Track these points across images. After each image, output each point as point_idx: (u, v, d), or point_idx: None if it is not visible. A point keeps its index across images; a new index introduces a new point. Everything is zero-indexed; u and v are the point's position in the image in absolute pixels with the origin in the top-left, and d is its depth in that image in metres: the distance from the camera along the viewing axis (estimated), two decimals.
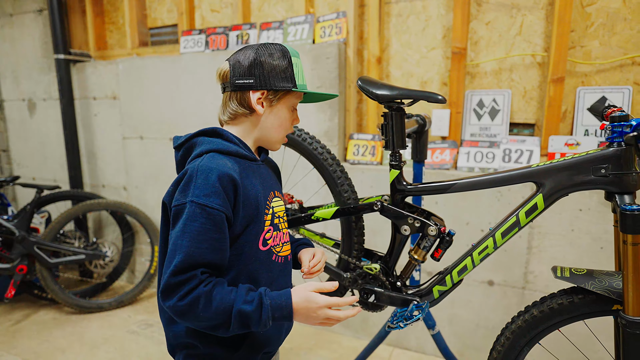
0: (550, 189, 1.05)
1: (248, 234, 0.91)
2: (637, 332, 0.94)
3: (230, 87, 0.94)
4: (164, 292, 0.81)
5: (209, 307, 0.80)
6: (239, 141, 0.95)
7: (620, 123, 0.95)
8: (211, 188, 0.83)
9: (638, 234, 0.91)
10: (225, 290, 0.83)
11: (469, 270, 1.18)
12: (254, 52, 0.93)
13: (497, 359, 1.18)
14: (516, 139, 2.07)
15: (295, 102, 1.00)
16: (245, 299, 0.83)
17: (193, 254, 0.81)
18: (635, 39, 1.88)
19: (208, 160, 0.86)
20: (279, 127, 0.98)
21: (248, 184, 0.91)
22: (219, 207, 0.83)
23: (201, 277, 0.82)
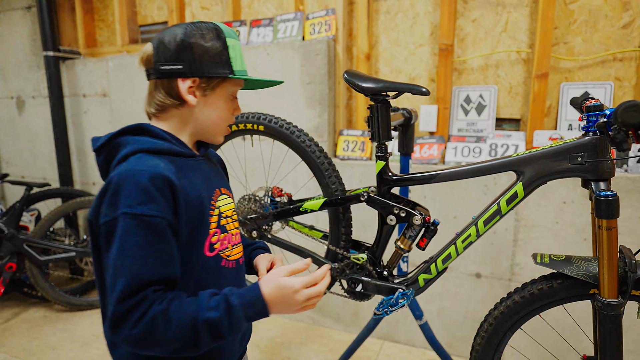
0: (530, 177, 1.08)
1: (193, 240, 0.79)
2: (612, 313, 0.97)
3: (155, 74, 0.82)
4: (114, 324, 0.68)
5: (168, 327, 0.69)
6: (171, 137, 0.83)
7: (595, 113, 0.98)
8: (144, 194, 0.71)
9: (612, 219, 0.95)
10: (185, 302, 0.72)
11: (453, 258, 1.20)
12: (182, 31, 0.79)
13: (481, 344, 1.21)
14: (502, 134, 2.11)
15: (234, 90, 0.88)
16: (208, 305, 0.71)
17: (139, 274, 0.69)
18: (616, 36, 1.93)
19: (135, 163, 0.74)
20: (217, 119, 0.86)
21: (187, 184, 0.79)
22: (158, 213, 0.71)
23: (153, 297, 0.70)
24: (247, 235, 1.53)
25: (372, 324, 1.75)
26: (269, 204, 1.52)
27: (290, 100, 2.37)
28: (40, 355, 2.24)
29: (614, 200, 0.94)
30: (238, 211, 1.55)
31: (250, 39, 2.53)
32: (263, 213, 1.46)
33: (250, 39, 2.53)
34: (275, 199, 1.52)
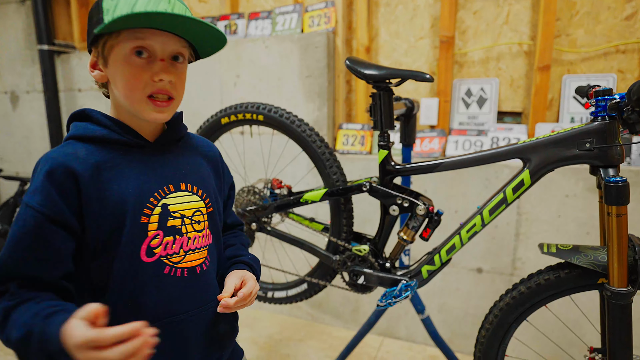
0: (537, 164, 1.06)
1: (119, 243, 0.70)
2: (621, 302, 0.95)
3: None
4: None
5: (12, 329, 0.62)
6: (114, 122, 0.75)
7: (604, 97, 0.95)
8: (37, 183, 0.67)
9: (622, 205, 0.92)
10: (34, 307, 0.63)
11: (457, 249, 1.18)
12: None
13: (486, 337, 1.19)
14: (504, 127, 2.08)
15: (133, 46, 0.70)
16: (21, 321, 0.62)
17: (7, 264, 0.65)
18: (619, 28, 1.91)
19: (54, 151, 0.71)
20: (124, 87, 0.72)
21: (110, 177, 0.71)
22: (39, 207, 0.65)
23: (12, 291, 0.65)
24: (247, 227, 1.50)
25: (373, 318, 1.72)
26: (268, 196, 1.49)
27: (288, 93, 2.34)
28: None
29: (624, 186, 0.92)
30: (237, 203, 1.52)
31: (248, 32, 2.50)
32: (263, 204, 1.43)
33: (249, 31, 2.50)
34: (275, 191, 1.49)
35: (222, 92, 2.51)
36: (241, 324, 2.61)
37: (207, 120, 1.54)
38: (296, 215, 1.49)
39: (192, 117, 2.49)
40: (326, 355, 2.17)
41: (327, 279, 1.45)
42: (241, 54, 2.42)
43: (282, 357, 2.16)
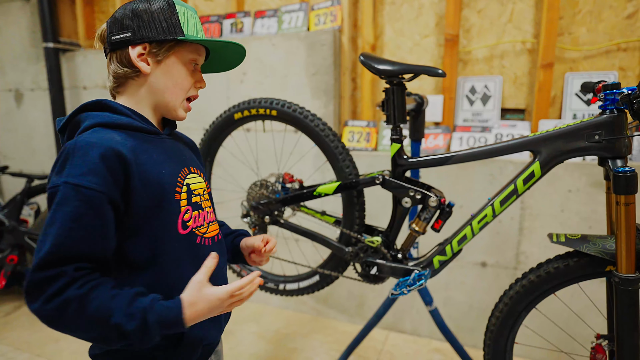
0: (547, 156, 1.09)
1: (159, 218, 0.77)
2: (629, 288, 0.99)
3: (109, 47, 0.82)
4: (28, 291, 0.65)
5: (81, 315, 0.65)
6: (132, 112, 0.81)
7: (612, 91, 0.99)
8: (89, 165, 0.69)
9: (630, 194, 0.96)
10: (106, 295, 0.67)
11: (468, 239, 1.21)
12: (133, 4, 0.81)
13: (496, 325, 1.22)
14: (507, 124, 2.12)
15: (193, 58, 0.85)
16: (127, 311, 0.67)
17: (63, 244, 0.65)
18: (620, 26, 1.95)
19: (89, 135, 0.73)
20: (173, 87, 0.83)
21: (146, 160, 0.77)
22: (97, 186, 0.68)
23: (74, 275, 0.66)
24: (259, 221, 1.52)
25: (382, 310, 1.75)
26: (280, 190, 1.51)
27: (295, 90, 2.37)
28: (43, 348, 2.22)
29: (632, 176, 0.95)
30: (250, 197, 1.54)
31: (254, 30, 2.52)
32: (277, 198, 1.46)
33: (255, 30, 2.52)
34: (286, 185, 1.52)
35: (229, 88, 2.53)
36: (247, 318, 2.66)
37: (220, 116, 1.57)
38: (307, 209, 1.52)
39: (198, 114, 2.52)
40: (332, 349, 2.20)
41: (339, 271, 1.48)
42: (248, 52, 2.43)
43: (289, 350, 2.19)
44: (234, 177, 2.45)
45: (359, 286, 2.41)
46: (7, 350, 2.20)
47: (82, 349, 2.21)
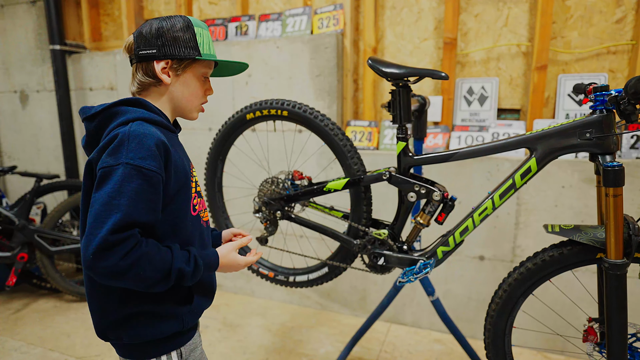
0: (542, 152, 1.19)
1: (180, 200, 0.94)
2: (617, 273, 1.08)
3: (136, 58, 0.95)
4: (100, 250, 0.76)
5: (150, 267, 0.82)
6: (160, 112, 0.97)
7: (602, 92, 1.09)
8: (147, 151, 0.83)
9: (618, 187, 1.06)
10: (163, 250, 0.86)
11: (470, 230, 1.30)
12: (157, 23, 0.94)
13: (496, 310, 1.31)
14: (504, 124, 2.22)
15: (204, 72, 1.01)
16: (183, 259, 0.88)
17: (132, 213, 0.80)
18: (610, 30, 2.06)
19: (139, 127, 0.86)
20: (189, 96, 1.00)
21: (174, 152, 0.93)
22: (156, 169, 0.84)
23: (138, 237, 0.82)
24: (271, 216, 1.61)
25: (386, 301, 1.84)
26: (290, 187, 1.60)
27: (299, 91, 2.45)
28: (55, 342, 2.28)
29: (620, 170, 1.05)
30: (261, 193, 1.62)
31: (259, 33, 2.60)
32: (287, 194, 1.54)
33: (259, 33, 2.60)
34: (296, 182, 1.60)
35: (234, 90, 2.61)
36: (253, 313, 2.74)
37: (233, 116, 1.65)
38: (316, 204, 1.60)
39: (203, 115, 2.59)
40: (337, 340, 2.28)
41: (347, 262, 1.56)
42: (253, 54, 2.53)
43: (295, 342, 2.27)
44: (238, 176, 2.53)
45: (362, 280, 2.50)
46: (20, 345, 2.26)
47: (94, 342, 2.28)
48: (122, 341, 0.94)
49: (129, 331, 0.92)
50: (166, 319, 0.94)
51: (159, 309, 0.93)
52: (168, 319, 0.94)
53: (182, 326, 0.96)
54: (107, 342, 0.97)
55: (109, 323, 0.93)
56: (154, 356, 0.95)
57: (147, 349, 0.95)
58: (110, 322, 0.92)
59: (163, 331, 0.94)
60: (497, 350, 1.33)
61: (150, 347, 0.95)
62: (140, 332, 0.92)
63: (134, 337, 0.93)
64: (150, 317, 0.93)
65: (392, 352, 2.17)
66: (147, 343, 0.94)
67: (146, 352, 0.95)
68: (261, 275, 1.75)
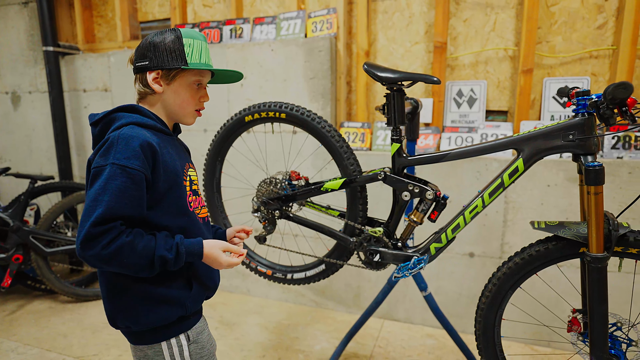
0: (529, 153, 1.26)
1: (172, 197, 1.01)
2: (599, 266, 1.16)
3: (134, 70, 1.05)
4: (85, 241, 0.86)
5: (133, 255, 0.89)
6: (155, 117, 1.05)
7: (583, 97, 1.16)
8: (132, 152, 0.91)
9: (599, 185, 1.13)
10: (146, 239, 0.93)
11: (461, 227, 1.37)
12: (151, 37, 1.03)
13: (486, 303, 1.38)
14: (492, 125, 2.30)
15: (195, 80, 1.06)
16: (165, 246, 0.94)
17: (113, 207, 0.88)
18: (592, 36, 2.15)
19: (128, 130, 0.94)
20: (181, 103, 1.06)
21: (166, 153, 1.00)
22: (139, 168, 0.91)
23: (121, 228, 0.89)
24: (269, 215, 1.65)
25: (380, 297, 1.90)
26: (287, 187, 1.65)
27: (294, 94, 2.51)
28: (52, 343, 2.30)
29: (600, 170, 1.12)
30: (259, 193, 1.67)
31: (253, 36, 2.65)
32: (285, 194, 1.59)
33: (254, 35, 2.65)
34: (293, 182, 1.65)
35: (229, 92, 2.65)
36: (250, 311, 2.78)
37: (231, 118, 1.69)
38: (313, 204, 1.65)
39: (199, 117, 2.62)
40: (332, 337, 2.34)
41: (343, 259, 1.62)
42: (247, 57, 2.57)
43: (292, 339, 2.32)
44: (235, 176, 2.57)
45: (356, 278, 2.56)
46: (16, 346, 2.27)
47: (91, 342, 2.30)
48: (131, 329, 1.00)
49: (135, 318, 0.98)
50: (169, 305, 1.01)
51: (161, 295, 1.00)
52: (171, 305, 1.01)
53: (186, 311, 1.03)
54: (118, 329, 1.03)
55: (116, 310, 1.00)
56: (163, 339, 1.02)
57: (156, 334, 1.02)
58: (116, 308, 1.00)
59: (168, 317, 1.01)
60: (487, 341, 1.40)
61: (158, 332, 1.02)
62: (147, 319, 0.99)
63: (142, 324, 0.99)
64: (153, 303, 0.99)
65: (385, 347, 2.23)
66: (155, 329, 1.01)
67: (155, 337, 1.02)
68: (259, 273, 1.79)
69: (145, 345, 1.03)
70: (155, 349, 1.02)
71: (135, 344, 1.04)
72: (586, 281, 1.23)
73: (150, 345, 1.02)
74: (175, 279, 1.03)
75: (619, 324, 1.29)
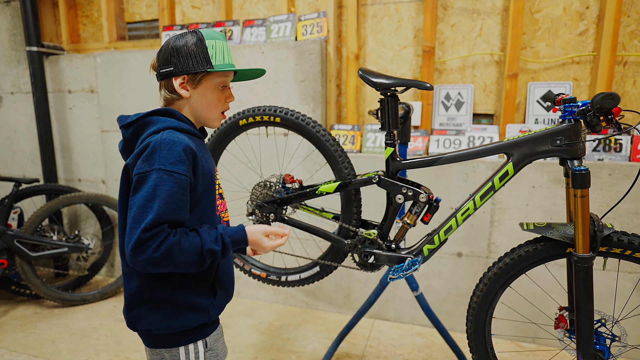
0: (518, 157, 1.30)
1: (206, 200, 1.03)
2: (585, 265, 1.21)
3: (159, 76, 1.05)
4: (137, 247, 0.88)
5: (182, 253, 0.92)
6: (189, 120, 1.06)
7: (570, 104, 1.21)
8: (176, 157, 0.93)
9: (585, 189, 1.18)
10: (191, 235, 0.95)
11: (453, 229, 1.41)
12: (173, 41, 1.02)
13: (477, 302, 1.42)
14: (479, 128, 2.36)
15: (221, 81, 1.06)
16: (211, 239, 0.97)
17: (163, 213, 0.90)
18: (574, 42, 2.23)
19: (168, 135, 0.95)
20: (208, 106, 1.06)
21: (202, 157, 1.01)
22: (185, 172, 0.94)
23: (167, 230, 0.91)
24: (264, 218, 1.67)
25: (372, 297, 1.93)
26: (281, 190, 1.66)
27: (285, 96, 2.52)
28: (40, 349, 2.26)
29: (586, 173, 1.17)
30: (254, 196, 1.68)
31: (243, 38, 2.65)
32: (281, 197, 1.60)
33: (244, 38, 2.65)
34: (287, 185, 1.67)
35: None
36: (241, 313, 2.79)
37: (225, 122, 1.70)
38: (308, 207, 1.67)
39: None
40: (324, 337, 2.36)
41: (337, 261, 1.64)
42: (238, 59, 2.57)
43: (283, 340, 2.34)
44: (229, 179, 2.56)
45: (346, 279, 2.59)
46: (2, 353, 2.22)
47: (80, 347, 2.27)
48: (151, 332, 1.01)
49: (158, 323, 0.99)
50: (193, 312, 1.02)
51: (187, 302, 1.01)
52: (194, 312, 1.02)
53: (208, 318, 1.05)
54: (135, 332, 1.04)
55: (139, 314, 1.01)
56: (182, 344, 1.04)
57: (175, 338, 1.03)
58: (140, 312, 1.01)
59: (190, 323, 1.02)
60: (478, 340, 1.44)
61: (178, 337, 1.03)
62: (170, 324, 1.00)
63: (163, 328, 1.01)
64: (178, 310, 1.01)
65: (377, 347, 2.27)
66: (175, 333, 1.02)
67: (174, 342, 1.03)
68: (253, 275, 1.80)
69: (163, 349, 1.04)
70: (173, 353, 1.04)
71: (153, 347, 1.05)
72: (573, 280, 1.28)
73: (169, 349, 1.04)
74: (200, 286, 1.04)
75: (603, 320, 1.35)
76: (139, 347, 2.26)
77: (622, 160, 2.08)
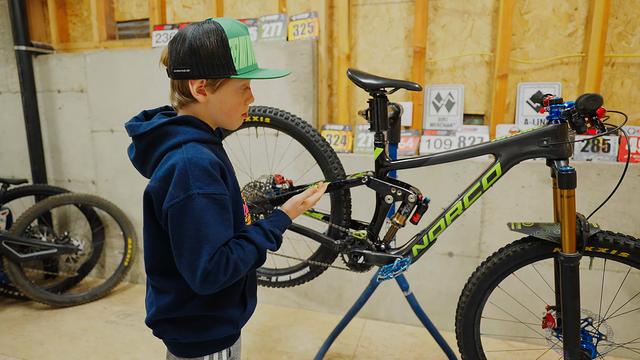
0: (506, 158, 1.31)
1: (237, 211, 1.00)
2: (571, 265, 1.22)
3: (171, 75, 0.94)
4: (205, 278, 0.86)
5: (245, 264, 0.93)
6: (208, 127, 0.97)
7: (557, 105, 1.22)
8: (210, 177, 0.87)
9: (571, 189, 1.19)
10: (244, 243, 0.95)
11: (442, 229, 1.42)
12: (191, 35, 0.90)
13: (466, 302, 1.43)
14: (469, 128, 2.37)
15: (243, 84, 0.98)
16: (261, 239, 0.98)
17: (218, 239, 0.88)
18: (563, 43, 2.25)
19: (193, 151, 0.88)
20: (228, 111, 0.98)
21: (227, 167, 0.97)
22: (223, 191, 0.90)
23: (225, 251, 0.90)
24: (254, 219, 1.66)
25: (363, 297, 1.93)
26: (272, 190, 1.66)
27: (276, 96, 2.51)
28: (28, 352, 2.23)
29: (573, 174, 1.18)
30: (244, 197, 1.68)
31: None
32: (271, 198, 1.60)
33: None
34: (277, 185, 1.67)
35: None
36: None
37: None
38: None
39: None
40: (316, 337, 2.36)
41: (328, 262, 1.64)
42: None
43: (275, 341, 2.33)
44: None
45: (337, 279, 2.59)
46: None
47: (69, 349, 2.24)
48: (177, 341, 1.00)
49: (187, 333, 0.98)
50: (223, 324, 1.01)
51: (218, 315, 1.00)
52: (225, 324, 1.01)
53: (236, 329, 1.04)
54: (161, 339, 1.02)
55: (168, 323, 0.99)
56: (208, 353, 1.02)
57: (202, 348, 1.02)
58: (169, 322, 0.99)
59: (219, 334, 1.01)
60: (467, 339, 1.45)
61: (205, 346, 1.02)
62: (198, 335, 0.99)
63: (192, 338, 0.99)
64: (209, 322, 0.99)
65: (368, 347, 2.27)
66: (202, 342, 1.01)
67: (201, 351, 1.02)
68: None
69: (187, 358, 1.03)
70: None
71: (178, 355, 1.03)
72: (560, 279, 1.29)
73: (194, 358, 1.02)
74: (232, 298, 1.02)
75: (590, 319, 1.37)
76: (129, 349, 2.25)
77: (610, 160, 2.10)
